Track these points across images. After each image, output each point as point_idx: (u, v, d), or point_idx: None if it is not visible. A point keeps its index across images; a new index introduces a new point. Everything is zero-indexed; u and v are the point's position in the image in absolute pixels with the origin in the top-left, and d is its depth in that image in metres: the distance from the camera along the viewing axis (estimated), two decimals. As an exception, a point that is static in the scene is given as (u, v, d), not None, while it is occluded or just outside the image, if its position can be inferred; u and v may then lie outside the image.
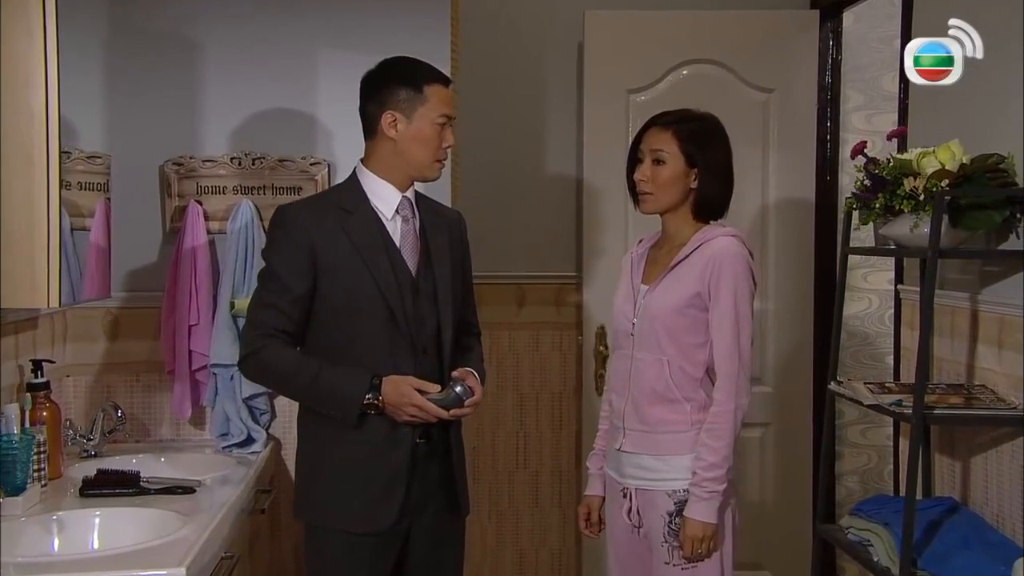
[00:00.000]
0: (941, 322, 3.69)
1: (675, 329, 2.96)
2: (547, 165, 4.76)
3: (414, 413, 2.82)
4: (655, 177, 3.00)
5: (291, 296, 2.85)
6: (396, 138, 2.90)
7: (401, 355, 2.89)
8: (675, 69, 4.65)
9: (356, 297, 2.86)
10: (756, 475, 4.65)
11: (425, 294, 2.96)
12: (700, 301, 2.94)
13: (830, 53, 4.68)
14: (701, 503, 2.89)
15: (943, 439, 3.69)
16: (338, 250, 2.86)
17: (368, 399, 2.80)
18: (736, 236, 2.98)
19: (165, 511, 2.90)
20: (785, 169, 4.63)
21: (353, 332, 2.88)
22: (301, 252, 2.85)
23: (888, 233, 3.41)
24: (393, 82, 2.91)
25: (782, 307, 4.66)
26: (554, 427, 4.83)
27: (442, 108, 2.93)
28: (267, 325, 2.84)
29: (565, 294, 4.77)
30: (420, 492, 2.93)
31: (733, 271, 2.92)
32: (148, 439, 3.77)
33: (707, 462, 2.89)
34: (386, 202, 2.95)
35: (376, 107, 2.91)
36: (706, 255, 2.94)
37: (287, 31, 3.81)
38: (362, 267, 2.86)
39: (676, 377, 2.95)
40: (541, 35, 4.77)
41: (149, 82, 3.76)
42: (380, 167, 2.95)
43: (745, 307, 2.93)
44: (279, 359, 2.85)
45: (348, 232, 2.87)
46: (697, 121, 3.05)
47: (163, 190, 3.75)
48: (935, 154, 3.23)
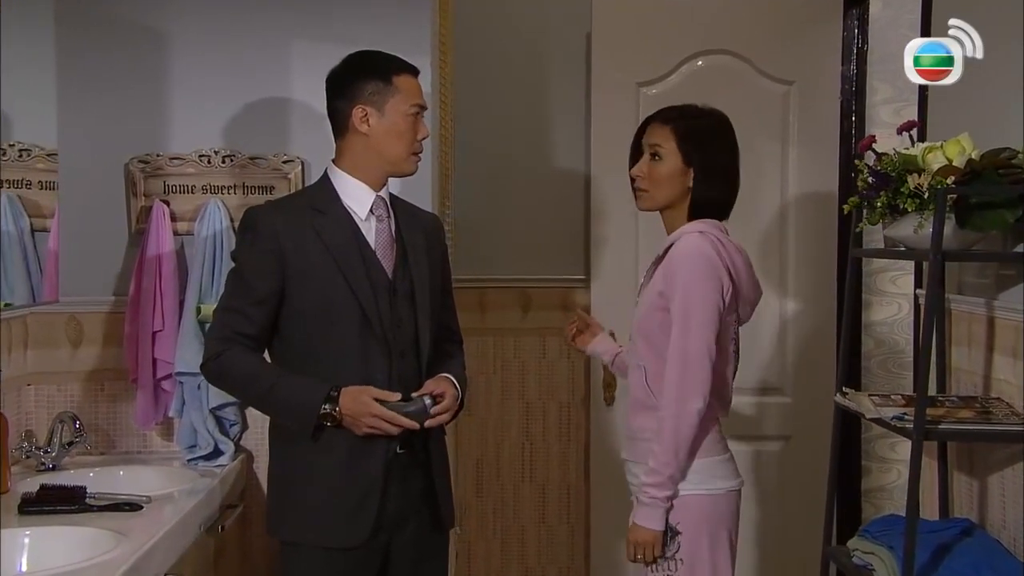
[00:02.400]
0: (958, 330, 3.58)
1: (649, 333, 2.95)
2: (552, 162, 4.66)
3: (373, 424, 2.78)
4: (651, 173, 2.99)
5: (254, 299, 2.83)
6: (369, 133, 2.88)
7: (374, 360, 2.87)
8: (689, 60, 4.52)
9: (328, 301, 2.84)
10: (776, 491, 4.51)
11: (402, 296, 2.94)
12: (663, 301, 2.90)
13: (855, 42, 4.52)
14: (643, 508, 2.88)
15: (961, 456, 3.57)
16: (309, 252, 2.84)
17: (325, 410, 2.77)
18: (704, 232, 2.92)
19: (103, 530, 2.82)
20: (806, 166, 4.49)
21: (325, 337, 2.86)
22: (269, 255, 2.83)
23: (893, 234, 3.30)
24: (361, 76, 2.90)
25: (803, 313, 4.52)
26: (562, 438, 4.73)
27: (413, 98, 2.91)
28: (229, 328, 2.84)
29: (573, 297, 4.66)
30: (399, 505, 2.90)
31: (686, 269, 2.87)
32: (113, 451, 3.70)
33: (648, 467, 2.87)
34: (359, 202, 2.92)
35: (345, 103, 2.89)
36: (670, 255, 2.92)
37: (259, 21, 3.72)
38: (334, 269, 2.84)
39: (653, 384, 2.92)
40: (546, 24, 4.67)
41: (113, 75, 3.68)
42: (353, 165, 2.93)
43: (697, 307, 2.85)
44: (239, 364, 2.85)
45: (320, 233, 2.85)
46: (699, 119, 3.01)
47: (128, 189, 3.68)
48: (942, 149, 3.12)
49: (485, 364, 4.65)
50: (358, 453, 2.83)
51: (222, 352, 2.83)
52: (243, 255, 2.89)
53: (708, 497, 2.91)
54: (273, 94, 3.71)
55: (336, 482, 2.84)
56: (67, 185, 3.59)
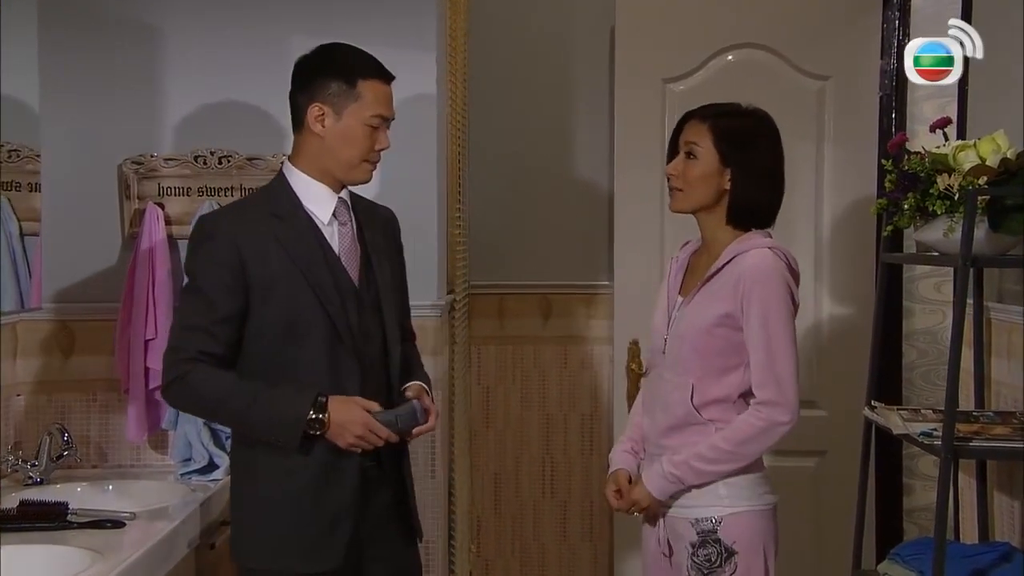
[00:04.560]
0: (998, 341, 3.49)
1: (704, 350, 2.86)
2: (574, 162, 4.64)
3: (361, 434, 2.71)
4: (685, 172, 2.91)
5: (218, 316, 2.72)
6: (322, 134, 2.78)
7: (345, 374, 2.78)
8: (718, 55, 4.49)
9: (295, 314, 2.75)
10: (809, 509, 4.45)
11: (369, 305, 2.86)
12: (732, 321, 2.83)
13: (895, 34, 4.46)
14: (660, 480, 2.87)
15: (1002, 475, 3.46)
16: (272, 263, 2.74)
17: (312, 416, 2.68)
18: (773, 248, 2.85)
19: (79, 548, 2.77)
20: (843, 167, 4.43)
21: (292, 353, 2.76)
22: (229, 267, 2.71)
23: (922, 238, 3.22)
24: (325, 72, 2.79)
25: (839, 322, 4.46)
26: (584, 452, 4.71)
27: (377, 108, 2.80)
28: (191, 349, 2.71)
29: (595, 305, 4.64)
30: (371, 522, 2.85)
31: (763, 289, 2.79)
32: (106, 464, 3.67)
33: (697, 452, 2.82)
34: (321, 206, 2.83)
35: (304, 98, 2.79)
36: (738, 270, 2.83)
37: (257, 15, 3.69)
38: (300, 281, 2.75)
39: (700, 402, 2.85)
40: (567, 17, 4.66)
41: (105, 73, 3.66)
42: (309, 166, 2.83)
43: (782, 328, 2.81)
44: (209, 383, 2.73)
45: (282, 242, 2.76)
46: (739, 117, 2.93)
47: (121, 191, 3.65)
48: (975, 147, 3.02)
49: (504, 374, 4.63)
50: (330, 471, 2.76)
51: (186, 373, 2.71)
52: (201, 268, 2.76)
53: (759, 513, 2.88)
54: (271, 92, 3.57)
55: (307, 504, 2.76)
56: (57, 187, 3.57)
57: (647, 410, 3.01)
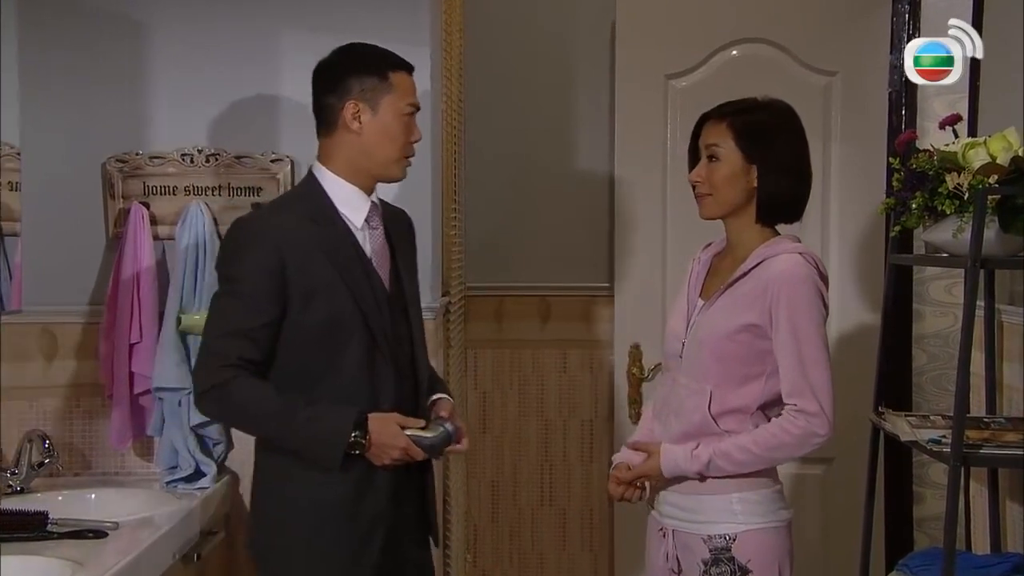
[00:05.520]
0: (1010, 344, 3.47)
1: (726, 356, 2.81)
2: (574, 161, 4.60)
3: (398, 457, 2.74)
4: (710, 176, 2.85)
5: (260, 322, 2.71)
6: (360, 132, 2.81)
7: (382, 381, 2.81)
8: (721, 50, 4.46)
9: (335, 321, 2.76)
10: (816, 518, 4.42)
11: (398, 310, 2.89)
12: (758, 328, 2.77)
13: (905, 29, 4.42)
14: (674, 462, 2.81)
15: (1015, 483, 3.43)
16: (314, 270, 2.74)
17: (355, 437, 2.69)
18: (804, 254, 2.80)
19: (59, 559, 2.75)
20: (851, 165, 4.40)
21: (330, 361, 2.77)
22: (271, 273, 2.71)
23: (931, 239, 3.19)
24: (355, 69, 2.82)
25: (847, 324, 4.41)
26: (583, 459, 4.67)
27: (410, 96, 2.86)
28: (231, 355, 2.68)
29: (596, 307, 4.61)
30: (398, 532, 2.86)
31: (793, 296, 2.74)
32: (89, 472, 3.64)
33: (723, 449, 2.77)
34: (355, 210, 2.85)
35: (336, 98, 2.82)
36: (766, 275, 2.77)
37: (247, 10, 3.64)
38: (342, 287, 2.76)
39: (717, 411, 2.80)
40: (567, 13, 4.63)
41: (89, 68, 3.62)
42: (343, 167, 2.85)
43: (811, 336, 2.74)
44: (251, 394, 2.71)
45: (323, 249, 2.77)
46: (757, 111, 2.87)
47: (105, 191, 3.61)
48: (985, 145, 2.99)
49: (501, 378, 4.61)
50: (365, 481, 2.77)
51: (228, 380, 2.67)
52: (242, 272, 2.74)
53: (774, 529, 2.84)
54: (261, 88, 3.63)
55: (343, 519, 2.77)
56: (39, 186, 3.55)
57: (658, 415, 2.97)
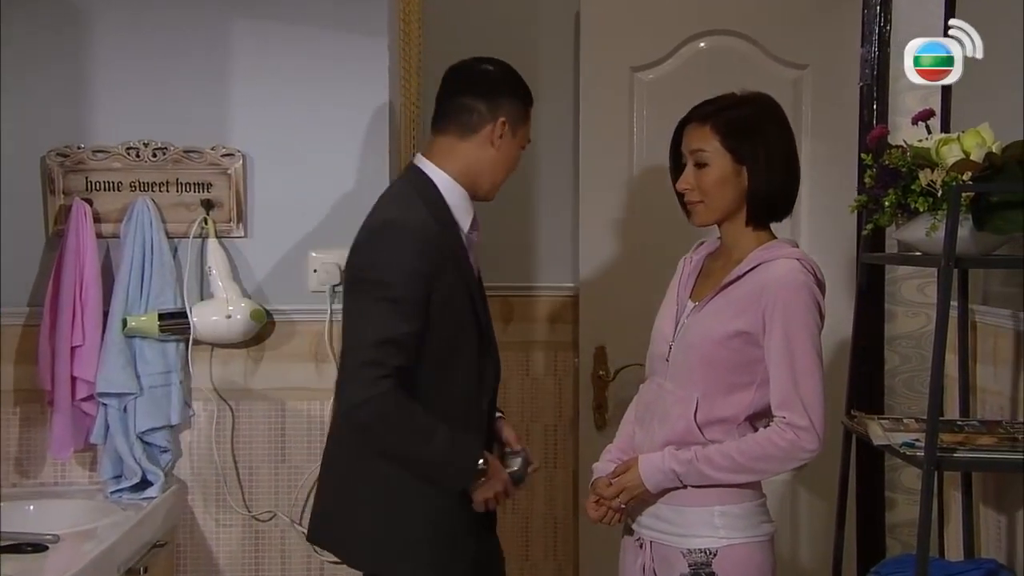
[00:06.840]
0: (984, 345, 3.50)
1: (715, 362, 2.78)
2: (537, 157, 4.54)
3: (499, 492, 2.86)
4: (700, 182, 2.81)
5: (413, 329, 2.69)
6: (497, 149, 2.88)
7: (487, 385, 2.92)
8: (689, 42, 4.44)
9: (459, 328, 2.83)
10: (786, 525, 4.41)
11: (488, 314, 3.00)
12: (749, 337, 2.74)
13: (877, 21, 4.42)
14: (656, 471, 2.78)
15: (988, 488, 3.45)
16: (448, 276, 2.78)
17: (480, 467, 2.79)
18: (802, 260, 2.77)
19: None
20: (821, 161, 4.37)
21: (449, 372, 2.82)
22: (424, 278, 2.72)
23: (904, 237, 3.19)
24: (511, 90, 2.93)
25: (820, 326, 4.36)
26: (547, 465, 4.63)
27: (529, 133, 2.98)
28: (389, 365, 2.65)
29: (560, 308, 4.59)
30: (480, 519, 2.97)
31: (788, 304, 2.71)
32: (27, 482, 3.61)
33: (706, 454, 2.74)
34: (465, 214, 2.90)
35: (487, 108, 2.87)
36: (761, 280, 2.74)
37: (195, -4, 3.63)
38: (466, 294, 2.83)
39: (703, 420, 2.77)
40: (529, 3, 4.60)
41: (28, 56, 3.58)
42: (461, 173, 2.89)
43: (805, 346, 2.71)
44: (408, 409, 2.70)
45: (454, 254, 2.82)
46: (740, 107, 2.84)
47: (45, 186, 3.59)
48: (959, 141, 2.99)
49: (462, 381, 4.54)
50: None
51: (387, 391, 2.63)
52: (399, 277, 2.70)
53: (756, 544, 2.82)
54: (210, 79, 3.61)
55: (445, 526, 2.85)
56: (-27, 181, 3.50)
57: (640, 421, 2.94)
